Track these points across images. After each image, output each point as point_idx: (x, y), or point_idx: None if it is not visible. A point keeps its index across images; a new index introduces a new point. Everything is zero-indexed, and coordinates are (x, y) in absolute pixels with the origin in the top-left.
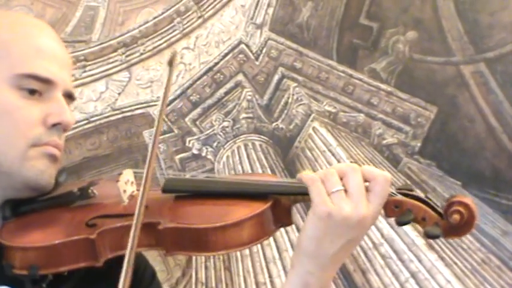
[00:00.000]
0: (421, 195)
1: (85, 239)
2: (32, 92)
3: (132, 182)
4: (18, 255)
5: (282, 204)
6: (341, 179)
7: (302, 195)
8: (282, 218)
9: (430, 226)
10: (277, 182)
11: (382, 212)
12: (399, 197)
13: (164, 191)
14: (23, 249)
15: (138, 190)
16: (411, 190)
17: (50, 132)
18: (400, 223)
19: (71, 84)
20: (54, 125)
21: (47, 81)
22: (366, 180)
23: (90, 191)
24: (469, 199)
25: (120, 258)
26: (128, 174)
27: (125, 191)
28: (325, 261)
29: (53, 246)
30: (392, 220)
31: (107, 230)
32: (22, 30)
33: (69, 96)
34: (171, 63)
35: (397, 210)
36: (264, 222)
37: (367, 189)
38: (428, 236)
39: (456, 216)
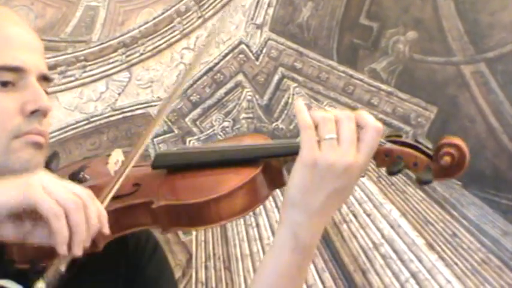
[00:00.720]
0: (410, 140)
1: None
2: (5, 83)
3: (122, 162)
4: (16, 251)
5: (272, 166)
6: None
7: (292, 155)
8: (275, 180)
9: (422, 171)
10: (266, 145)
11: (374, 162)
12: (388, 145)
13: (154, 167)
14: (21, 246)
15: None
16: (400, 136)
17: (29, 120)
18: (392, 172)
19: (44, 66)
20: (33, 113)
21: (18, 70)
22: (357, 126)
23: (81, 175)
24: (458, 139)
25: (117, 241)
26: (117, 155)
27: (115, 172)
28: (312, 210)
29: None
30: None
31: None
32: None
33: (45, 79)
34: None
35: (388, 159)
36: (257, 188)
37: (358, 138)
38: (420, 182)
39: (447, 158)
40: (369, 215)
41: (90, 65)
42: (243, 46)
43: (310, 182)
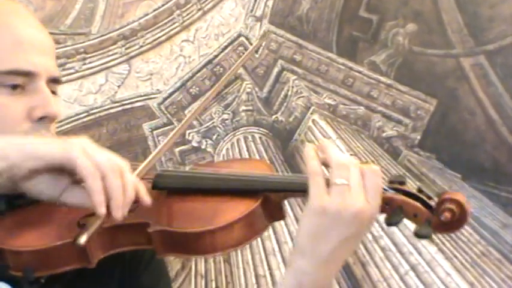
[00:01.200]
0: (413, 189)
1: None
2: (14, 87)
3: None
4: (12, 258)
5: (272, 200)
6: None
7: (293, 191)
8: (273, 214)
9: (421, 224)
10: (268, 177)
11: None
12: (390, 193)
13: (154, 187)
14: (16, 253)
15: None
16: (403, 183)
17: (36, 126)
18: (391, 224)
19: (55, 68)
20: (41, 119)
21: (28, 74)
22: None
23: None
24: (460, 196)
25: (113, 256)
26: None
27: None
28: (321, 259)
29: (44, 251)
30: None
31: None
32: None
33: (55, 81)
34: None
35: (388, 208)
36: (254, 221)
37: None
38: (418, 236)
39: (447, 214)
40: None
41: (89, 57)
42: (242, 38)
43: (320, 230)
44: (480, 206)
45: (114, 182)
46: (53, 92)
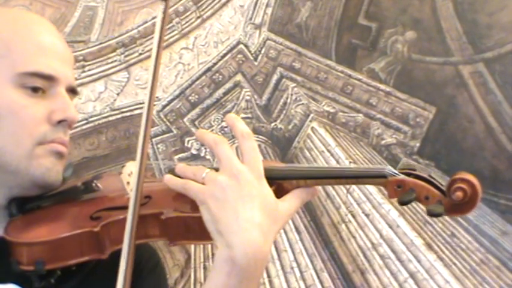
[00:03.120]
0: (424, 174)
1: (89, 232)
2: (36, 89)
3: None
4: (24, 251)
5: (284, 188)
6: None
7: (305, 179)
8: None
9: (433, 204)
10: (279, 167)
11: (386, 192)
12: (401, 176)
13: None
14: (28, 245)
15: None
16: (414, 169)
17: (55, 129)
18: (403, 202)
19: (73, 80)
20: (59, 122)
21: (49, 78)
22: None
23: (94, 184)
24: (471, 176)
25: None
26: (130, 166)
27: (128, 183)
28: (234, 228)
29: (57, 240)
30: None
31: (110, 223)
32: (22, 28)
33: (72, 91)
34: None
35: (400, 190)
36: None
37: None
38: (431, 214)
39: (459, 194)
40: (367, 215)
41: (88, 65)
42: (241, 46)
43: (216, 210)
44: (479, 214)
45: None
46: None
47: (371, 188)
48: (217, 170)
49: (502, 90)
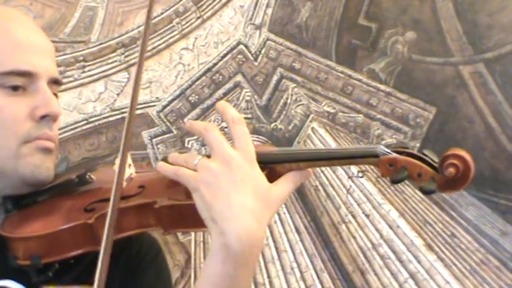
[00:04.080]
0: (416, 152)
1: (83, 224)
2: (15, 88)
3: (129, 165)
4: (20, 246)
5: (277, 172)
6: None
7: (296, 161)
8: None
9: (426, 181)
10: (271, 151)
11: (378, 171)
12: (393, 155)
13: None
14: (23, 239)
15: (136, 172)
16: (405, 147)
17: (39, 125)
18: (395, 181)
19: (54, 70)
20: (43, 117)
21: (28, 75)
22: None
23: (87, 176)
24: (463, 151)
25: (122, 241)
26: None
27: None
28: (225, 215)
29: (51, 234)
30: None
31: (104, 214)
32: None
33: (56, 82)
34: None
35: (392, 169)
36: None
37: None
38: (423, 191)
39: (451, 170)
40: (367, 216)
41: (89, 65)
42: (241, 47)
43: (210, 197)
44: (479, 214)
45: None
46: (54, 94)
47: (371, 189)
48: (209, 156)
49: (502, 91)
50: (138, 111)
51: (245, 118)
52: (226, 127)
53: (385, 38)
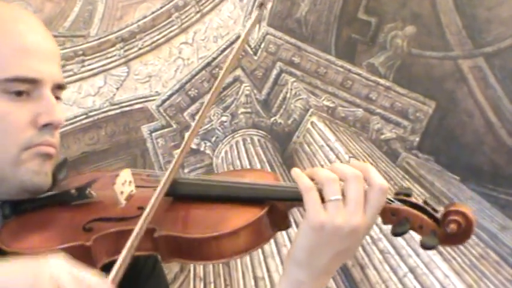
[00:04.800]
0: (419, 201)
1: (81, 245)
2: (19, 93)
3: (130, 182)
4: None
5: (278, 209)
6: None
7: (299, 200)
8: (279, 223)
9: (427, 235)
10: (274, 186)
11: (379, 219)
12: (396, 204)
13: None
14: (20, 255)
15: (137, 188)
16: (409, 195)
17: (41, 133)
18: (397, 234)
19: (60, 75)
20: (45, 125)
21: (33, 81)
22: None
23: (87, 192)
24: (466, 208)
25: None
26: (124, 175)
27: (122, 193)
28: (316, 271)
29: (48, 252)
30: (389, 228)
31: (102, 236)
32: (1, 30)
33: (60, 87)
34: (261, 5)
35: (394, 218)
36: (260, 229)
37: (365, 198)
38: (424, 247)
39: (453, 226)
40: None
41: (88, 59)
42: None
43: (316, 244)
44: (479, 209)
45: None
46: (57, 98)
47: None
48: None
49: (501, 85)
50: (137, 106)
51: (244, 112)
52: (225, 121)
53: (384, 32)
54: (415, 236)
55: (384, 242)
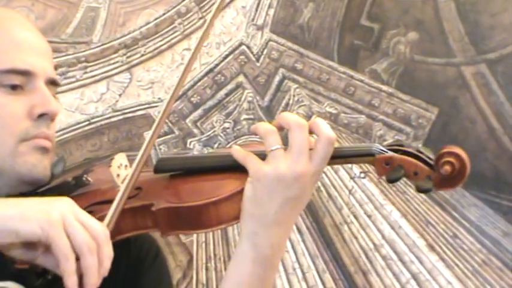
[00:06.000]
0: (412, 149)
1: None
2: (14, 87)
3: (125, 166)
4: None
5: None
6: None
7: None
8: None
9: (422, 180)
10: (262, 152)
11: (374, 170)
12: (389, 153)
13: (156, 171)
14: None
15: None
16: (401, 145)
17: (37, 124)
18: (391, 180)
19: (52, 71)
20: (41, 116)
21: (26, 74)
22: (311, 133)
23: (84, 178)
24: (459, 149)
25: (121, 244)
26: (120, 159)
27: (118, 175)
28: (267, 220)
29: None
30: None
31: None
32: None
33: (53, 83)
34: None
35: (388, 168)
36: None
37: (311, 146)
38: (420, 190)
39: (447, 168)
40: (369, 216)
41: (90, 66)
42: (243, 47)
43: (261, 193)
44: (481, 215)
45: (90, 261)
46: (52, 96)
47: (373, 189)
48: (285, 148)
49: (504, 91)
50: (140, 112)
51: (247, 119)
52: (228, 128)
53: (387, 38)
54: (417, 242)
55: (386, 248)
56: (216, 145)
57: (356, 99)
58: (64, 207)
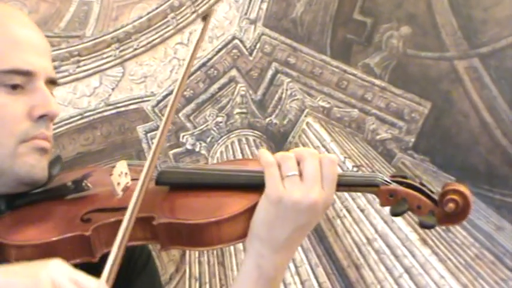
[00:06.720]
0: (416, 183)
1: (80, 235)
2: (14, 87)
3: (126, 174)
4: (14, 253)
5: None
6: (299, 163)
7: None
8: None
9: (425, 215)
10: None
11: (378, 201)
12: (393, 185)
13: (158, 183)
14: (18, 247)
15: (133, 180)
16: (405, 178)
17: (36, 125)
18: (395, 213)
19: (52, 70)
20: (41, 117)
21: (27, 74)
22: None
23: (84, 184)
24: (463, 187)
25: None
26: (121, 167)
27: (118, 184)
28: (277, 244)
29: (48, 244)
30: (387, 209)
31: (101, 226)
32: None
33: (52, 82)
34: (205, 18)
35: (392, 199)
36: None
37: (321, 174)
38: (423, 226)
39: (451, 205)
40: (362, 210)
41: (83, 60)
42: (236, 41)
43: (275, 218)
44: (474, 209)
45: None
46: (51, 94)
47: None
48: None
49: (497, 85)
50: (133, 106)
51: (240, 113)
52: (221, 122)
53: (380, 32)
54: (410, 236)
55: (379, 242)
56: (208, 139)
57: (349, 93)
58: (52, 269)
